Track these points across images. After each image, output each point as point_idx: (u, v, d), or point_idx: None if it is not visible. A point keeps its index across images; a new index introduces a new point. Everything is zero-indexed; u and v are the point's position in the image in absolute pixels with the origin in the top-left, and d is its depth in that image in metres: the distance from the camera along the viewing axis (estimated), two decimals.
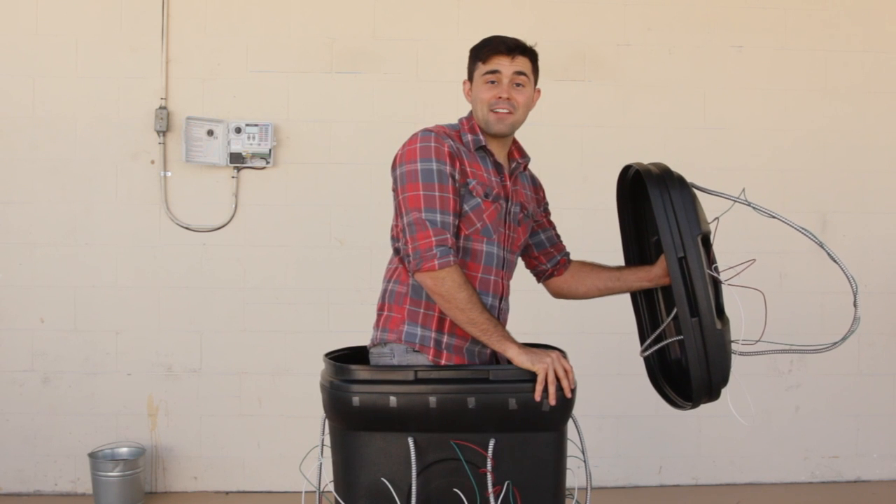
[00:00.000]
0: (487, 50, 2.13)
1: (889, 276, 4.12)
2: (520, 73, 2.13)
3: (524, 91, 2.15)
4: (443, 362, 2.11)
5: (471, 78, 2.20)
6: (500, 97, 2.11)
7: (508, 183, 2.20)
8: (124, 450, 3.85)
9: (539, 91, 2.23)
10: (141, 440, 3.90)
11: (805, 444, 4.14)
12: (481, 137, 2.16)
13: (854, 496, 4.00)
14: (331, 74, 3.94)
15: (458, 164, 2.08)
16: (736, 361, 2.03)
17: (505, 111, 2.12)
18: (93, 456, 3.74)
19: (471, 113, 2.22)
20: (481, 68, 2.15)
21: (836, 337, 2.15)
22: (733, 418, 3.97)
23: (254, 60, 3.92)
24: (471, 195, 2.09)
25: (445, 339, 2.12)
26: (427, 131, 2.11)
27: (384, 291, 2.21)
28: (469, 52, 2.20)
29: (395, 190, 2.11)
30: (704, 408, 4.32)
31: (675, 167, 2.11)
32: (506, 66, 2.11)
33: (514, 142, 2.28)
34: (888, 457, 4.17)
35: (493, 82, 2.13)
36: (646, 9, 4.03)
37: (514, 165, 2.24)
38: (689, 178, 2.08)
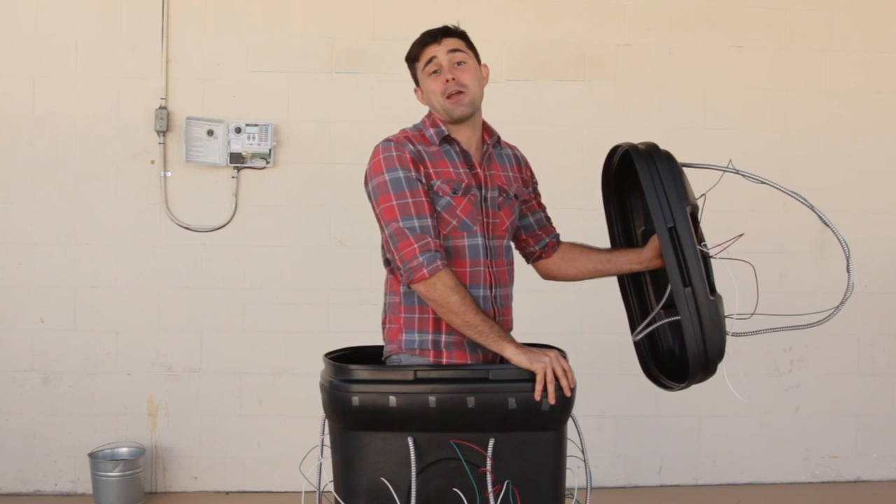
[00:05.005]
0: (415, 47, 2.21)
1: (889, 276, 4.12)
2: (453, 50, 2.16)
3: (467, 68, 2.17)
4: (444, 361, 2.11)
5: (417, 83, 2.25)
6: (446, 81, 2.14)
7: (479, 170, 2.19)
8: (124, 450, 3.85)
9: (487, 67, 2.25)
10: (141, 440, 3.90)
11: (805, 444, 4.13)
12: (444, 128, 2.17)
13: (854, 496, 4.00)
14: (331, 74, 3.94)
15: (421, 168, 2.09)
16: (735, 358, 2.02)
17: (457, 92, 2.13)
18: (93, 456, 3.74)
19: (430, 112, 2.24)
20: (419, 66, 2.20)
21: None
22: (733, 418, 3.99)
23: (254, 60, 3.93)
24: (438, 196, 2.10)
25: (444, 338, 2.13)
26: (387, 141, 2.13)
27: (384, 305, 2.24)
28: (405, 61, 2.26)
29: (371, 205, 2.14)
30: (705, 408, 4.33)
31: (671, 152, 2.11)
32: (438, 50, 2.16)
33: (483, 123, 2.27)
34: (888, 457, 4.17)
35: (435, 72, 2.16)
36: (646, 9, 4.03)
37: (485, 148, 2.24)
38: (687, 177, 2.07)
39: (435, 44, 2.17)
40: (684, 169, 2.07)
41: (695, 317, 1.92)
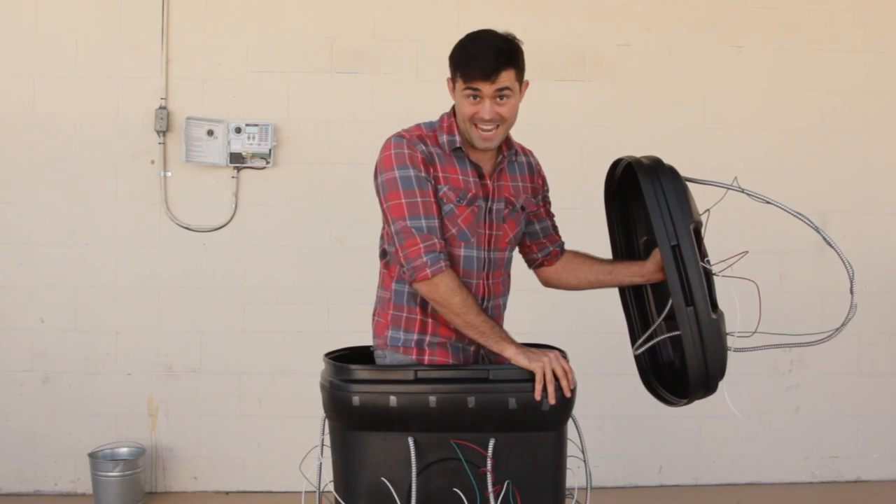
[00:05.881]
0: (466, 72, 2.03)
1: (889, 276, 4.12)
2: (502, 89, 2.03)
3: (508, 102, 2.06)
4: (426, 359, 2.13)
5: (453, 80, 2.12)
6: (483, 119, 2.04)
7: (488, 182, 2.17)
8: (124, 450, 3.85)
9: (527, 83, 2.15)
10: (141, 440, 3.90)
11: (805, 444, 4.14)
12: (457, 139, 2.13)
13: (854, 496, 4.00)
14: (331, 74, 3.94)
15: (431, 170, 2.08)
16: (735, 359, 2.02)
17: (489, 132, 2.07)
18: (93, 456, 3.74)
19: (453, 109, 2.17)
20: (461, 84, 2.05)
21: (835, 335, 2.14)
22: (733, 418, 3.98)
23: (254, 60, 3.92)
24: (443, 202, 2.09)
25: (428, 338, 2.14)
26: (399, 137, 2.10)
27: (376, 298, 2.26)
28: (449, 55, 2.11)
29: (378, 199, 2.12)
30: (705, 408, 4.31)
31: (675, 167, 2.10)
32: (486, 87, 2.02)
33: None
34: (888, 457, 4.17)
35: (474, 97, 2.05)
36: (646, 9, 4.03)
37: (499, 159, 2.20)
38: (690, 192, 2.06)
39: (487, 82, 2.00)
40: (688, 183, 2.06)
41: (696, 336, 1.92)
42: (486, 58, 2.01)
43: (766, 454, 4.12)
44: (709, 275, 1.98)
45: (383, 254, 2.21)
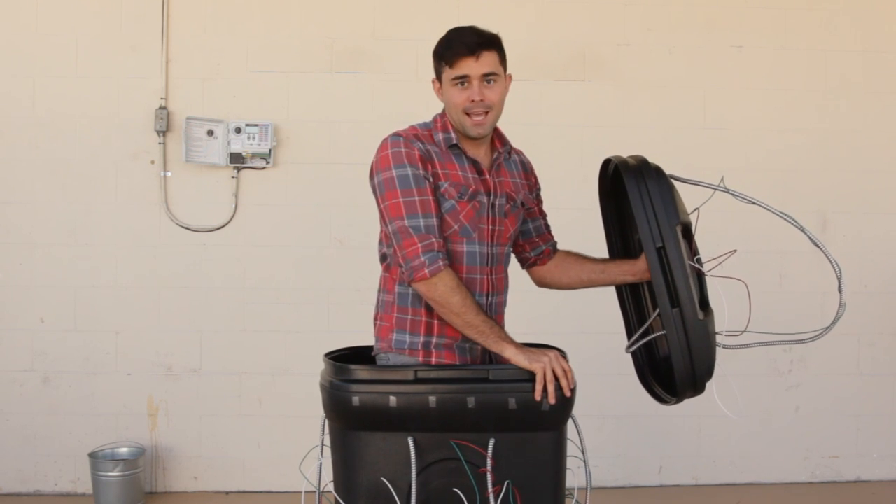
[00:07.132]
0: (451, 54, 2.07)
1: (889, 276, 4.12)
2: (488, 75, 2.08)
3: (496, 87, 2.09)
4: (433, 361, 2.12)
5: (439, 78, 2.15)
6: (472, 100, 2.07)
7: (488, 177, 2.17)
8: (124, 450, 3.85)
9: (510, 76, 2.18)
10: (141, 440, 3.90)
11: (805, 444, 4.13)
12: (453, 136, 2.14)
13: (854, 496, 4.00)
14: (331, 74, 3.94)
15: (429, 167, 2.08)
16: (735, 359, 2.02)
17: (480, 117, 2.08)
18: (93, 456, 3.74)
19: (445, 110, 2.19)
20: (448, 72, 2.09)
21: (836, 336, 2.14)
22: (733, 418, 3.98)
23: (254, 60, 3.92)
24: (444, 198, 2.08)
25: (434, 340, 2.13)
26: (396, 136, 2.10)
27: (376, 301, 2.24)
28: (433, 52, 2.15)
29: (375, 199, 2.12)
30: (705, 408, 4.32)
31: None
32: (473, 67, 2.06)
33: (496, 130, 2.23)
34: (888, 457, 4.17)
35: (462, 84, 2.08)
36: (646, 9, 4.03)
37: (495, 156, 2.21)
38: (678, 192, 2.06)
39: (472, 58, 2.05)
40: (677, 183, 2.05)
41: (682, 338, 1.92)
42: (470, 37, 2.08)
43: (766, 454, 4.12)
44: (700, 274, 1.98)
45: (383, 257, 2.20)
